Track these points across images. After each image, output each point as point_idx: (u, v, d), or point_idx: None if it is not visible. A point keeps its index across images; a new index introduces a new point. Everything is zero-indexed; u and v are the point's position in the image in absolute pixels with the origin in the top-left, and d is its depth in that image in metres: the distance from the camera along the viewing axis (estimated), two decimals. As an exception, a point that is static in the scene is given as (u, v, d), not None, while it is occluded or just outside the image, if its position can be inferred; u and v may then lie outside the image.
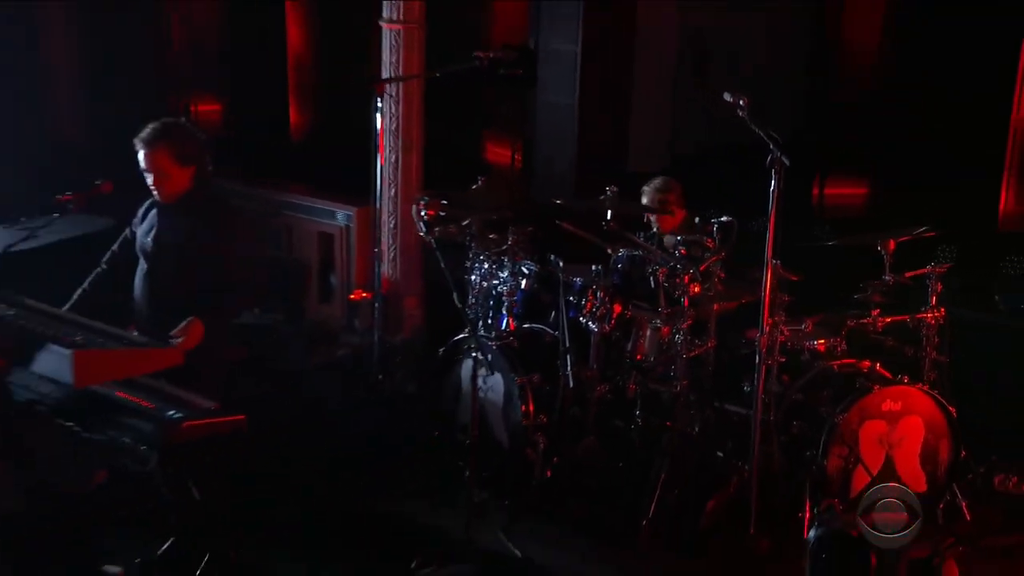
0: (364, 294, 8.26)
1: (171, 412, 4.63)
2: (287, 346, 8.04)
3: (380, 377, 7.42)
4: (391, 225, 8.15)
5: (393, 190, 8.06)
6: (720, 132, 9.23)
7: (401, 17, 7.89)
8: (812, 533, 5.00)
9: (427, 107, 8.13)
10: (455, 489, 6.19)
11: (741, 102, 5.68)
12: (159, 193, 5.56)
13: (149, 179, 5.53)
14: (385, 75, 8.09)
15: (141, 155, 5.53)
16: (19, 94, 10.41)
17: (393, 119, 8.00)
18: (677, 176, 7.32)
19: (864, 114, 8.84)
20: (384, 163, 7.89)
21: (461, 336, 6.66)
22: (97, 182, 5.57)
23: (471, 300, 6.92)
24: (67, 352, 4.68)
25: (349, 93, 10.57)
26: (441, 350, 6.88)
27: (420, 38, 7.98)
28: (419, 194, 6.88)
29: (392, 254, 8.10)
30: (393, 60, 7.98)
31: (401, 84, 8.03)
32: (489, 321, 6.86)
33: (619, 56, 9.13)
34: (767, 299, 5.60)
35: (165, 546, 5.49)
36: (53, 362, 4.79)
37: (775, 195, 5.58)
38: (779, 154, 5.52)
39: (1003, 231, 8.13)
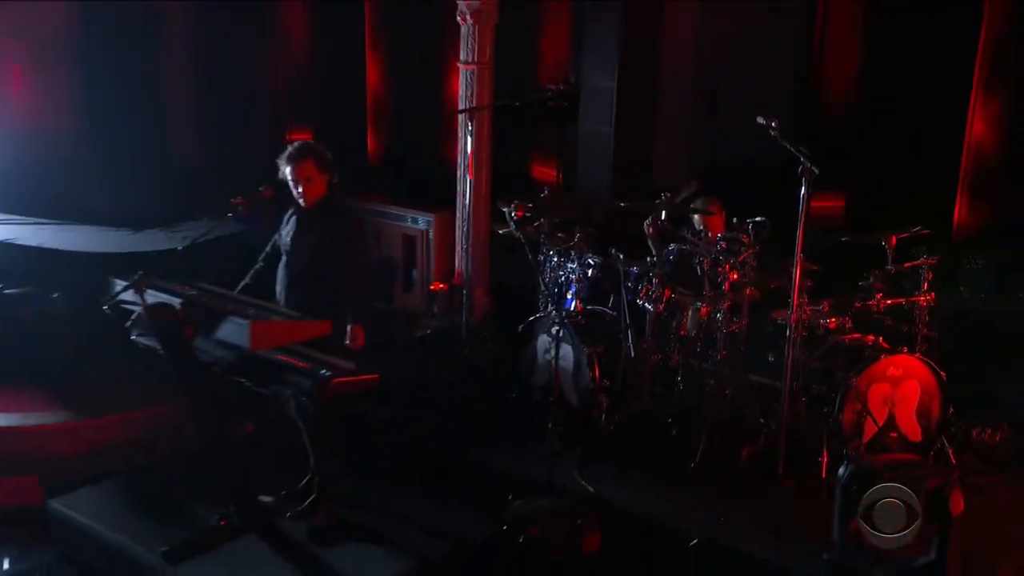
0: (441, 285, 8.40)
1: (323, 371, 4.78)
2: (385, 325, 8.07)
3: (466, 351, 7.51)
4: (465, 229, 8.17)
5: (467, 200, 8.11)
6: (726, 153, 9.32)
7: (475, 59, 7.99)
8: (842, 470, 4.96)
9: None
10: (534, 441, 6.23)
11: (773, 124, 5.78)
12: (304, 198, 5.58)
13: (297, 188, 5.58)
14: (461, 107, 8.18)
15: (289, 168, 5.59)
16: (144, 121, 10.41)
17: (466, 142, 8.03)
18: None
19: (843, 141, 8.75)
20: (462, 178, 8.09)
21: (537, 316, 6.78)
22: (260, 188, 5.64)
23: (543, 287, 6.97)
24: (245, 322, 4.82)
25: (416, 123, 10.59)
26: (520, 327, 6.96)
27: (489, 76, 8.08)
28: (509, 199, 6.90)
29: (465, 252, 8.12)
30: (468, 94, 8.08)
31: (469, 121, 8.05)
32: (558, 303, 6.82)
33: (647, 91, 9.14)
34: (797, 284, 5.70)
35: (304, 481, 5.63)
36: (233, 330, 4.92)
37: (805, 198, 5.65)
38: (809, 164, 5.59)
39: (957, 239, 8.14)
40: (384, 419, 6.49)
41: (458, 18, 8.05)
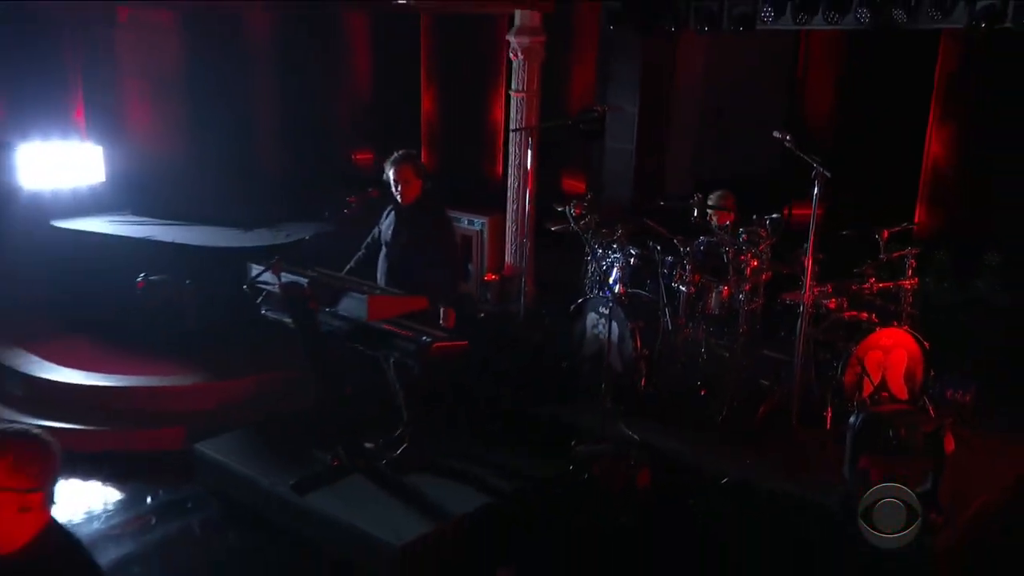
0: (493, 276, 8.45)
1: (425, 337, 4.91)
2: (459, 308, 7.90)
3: (523, 328, 7.53)
4: (514, 229, 8.26)
5: (515, 205, 8.19)
6: (725, 167, 9.34)
7: (524, 88, 8.08)
8: (853, 418, 5.01)
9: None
10: (587, 400, 6.28)
11: (787, 137, 5.85)
12: (402, 197, 5.57)
13: (396, 188, 5.57)
14: (513, 137, 8.26)
15: (392, 171, 5.57)
16: (238, 144, 10.42)
17: (516, 157, 8.14)
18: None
19: (823, 158, 8.62)
20: (512, 186, 8.20)
21: (586, 297, 6.77)
22: (369, 189, 5.71)
23: (589, 273, 7.02)
24: (363, 297, 4.99)
25: (461, 144, 10.46)
26: (572, 307, 6.88)
27: (536, 103, 8.15)
28: (567, 200, 6.85)
29: (515, 248, 8.21)
30: (518, 117, 8.11)
31: (521, 139, 8.11)
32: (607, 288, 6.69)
33: (662, 115, 9.11)
34: (809, 271, 5.75)
35: (399, 431, 5.73)
36: (352, 304, 5.07)
37: (817, 197, 5.71)
38: (821, 169, 5.63)
39: (917, 239, 7.96)
40: (463, 383, 6.49)
41: (510, 55, 8.12)
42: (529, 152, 7.66)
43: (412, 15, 10.60)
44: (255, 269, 5.57)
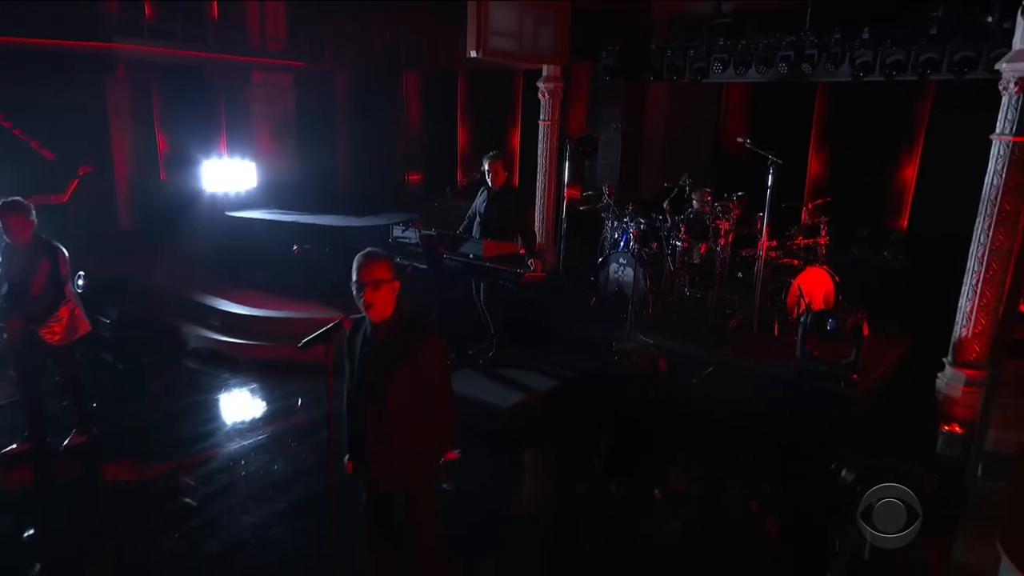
0: (522, 251, 8.58)
1: (519, 269, 5.28)
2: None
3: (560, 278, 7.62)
4: (542, 218, 8.18)
5: (542, 202, 8.18)
6: (676, 173, 9.39)
7: (549, 119, 8.15)
8: (803, 317, 5.32)
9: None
10: (611, 321, 6.51)
11: (748, 141, 6.12)
12: (493, 183, 5.71)
13: (489, 175, 5.69)
14: (541, 149, 8.22)
15: (487, 163, 5.71)
16: (325, 167, 10.80)
17: (543, 170, 8.23)
18: (663, 197, 7.25)
19: (736, 174, 8.08)
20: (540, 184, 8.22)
21: (607, 254, 6.92)
22: (473, 172, 5.88)
23: (609, 237, 7.16)
24: (481, 241, 5.35)
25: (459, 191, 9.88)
26: (599, 259, 6.99)
27: (557, 129, 8.18)
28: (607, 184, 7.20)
29: (542, 231, 8.14)
30: (545, 139, 8.18)
31: (547, 153, 8.15)
32: (619, 247, 6.96)
33: (638, 137, 9.14)
34: (766, 232, 6.10)
35: (487, 341, 6.00)
36: (472, 247, 5.41)
37: (773, 180, 5.94)
38: (775, 159, 5.89)
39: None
40: (522, 311, 6.55)
41: (539, 95, 8.14)
42: (561, 161, 7.81)
43: (451, 74, 10.73)
44: (397, 229, 5.93)
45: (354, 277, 2.77)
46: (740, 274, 6.64)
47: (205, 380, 6.31)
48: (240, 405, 5.95)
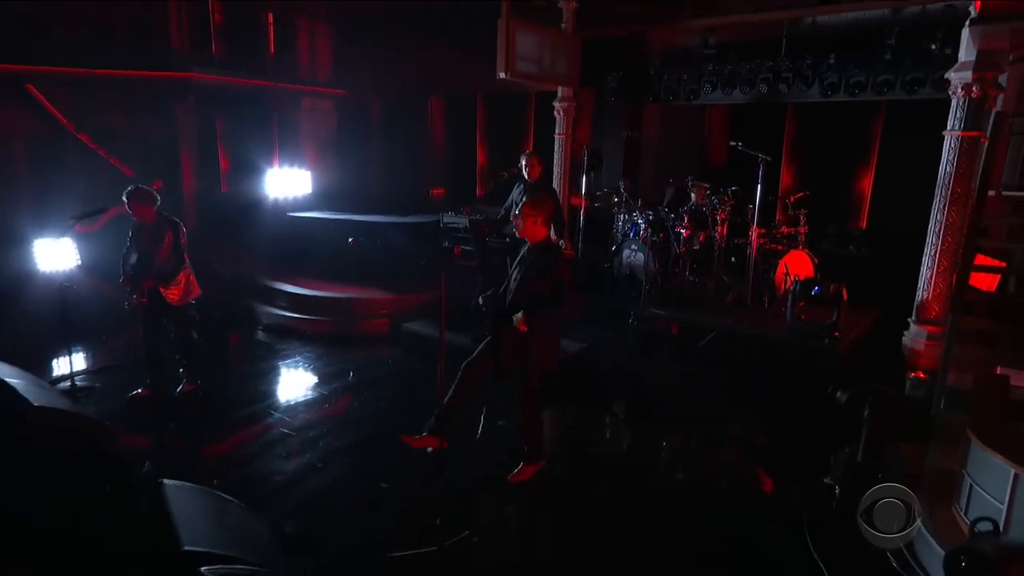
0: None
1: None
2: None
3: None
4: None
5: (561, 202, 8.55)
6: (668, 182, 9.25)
7: (563, 133, 8.47)
8: (794, 286, 5.63)
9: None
10: (627, 296, 6.71)
11: (740, 144, 6.40)
12: (529, 176, 5.90)
13: (525, 170, 5.92)
14: (556, 159, 8.50)
15: (524, 160, 5.90)
16: (360, 178, 11.08)
17: (558, 177, 8.49)
18: (660, 198, 7.61)
19: (718, 177, 8.02)
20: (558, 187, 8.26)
21: (620, 242, 7.13)
22: (517, 166, 6.07)
23: (620, 229, 7.37)
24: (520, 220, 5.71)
25: (502, 181, 10.62)
26: (613, 247, 7.19)
27: (569, 142, 8.47)
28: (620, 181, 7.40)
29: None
30: (560, 152, 8.49)
31: (562, 161, 8.48)
32: (629, 236, 7.07)
33: (637, 152, 9.27)
34: (755, 222, 6.39)
35: None
36: (511, 230, 5.58)
37: (761, 175, 6.26)
38: (764, 156, 6.25)
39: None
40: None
41: (555, 113, 8.44)
42: (582, 172, 8.06)
43: (471, 99, 10.93)
44: (448, 215, 6.30)
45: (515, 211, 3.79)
46: (733, 259, 6.95)
47: (279, 348, 6.67)
48: (311, 366, 6.29)
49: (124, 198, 4.75)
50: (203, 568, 2.38)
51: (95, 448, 3.56)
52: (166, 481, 2.93)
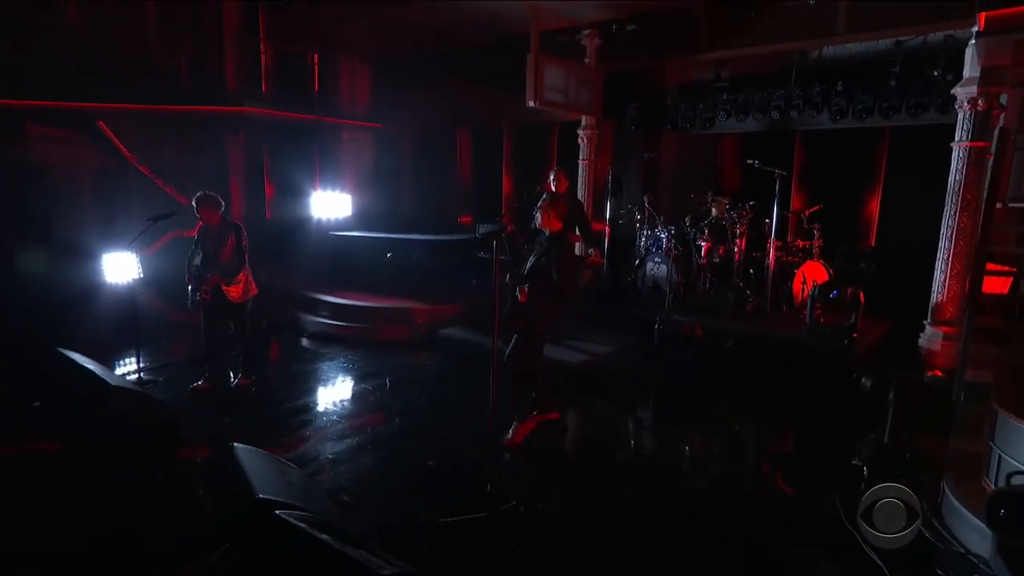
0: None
1: (589, 251, 5.76)
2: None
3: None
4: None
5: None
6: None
7: (587, 158, 8.75)
8: (812, 290, 5.65)
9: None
10: (652, 305, 6.76)
11: (756, 162, 6.50)
12: (558, 190, 5.92)
13: (555, 184, 6.03)
14: (580, 182, 8.70)
15: (553, 176, 6.09)
16: (394, 203, 11.33)
17: (582, 197, 8.54)
18: (683, 214, 7.46)
19: (735, 196, 7.75)
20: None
21: (644, 254, 7.21)
22: (538, 187, 6.32)
23: (644, 244, 7.42)
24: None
25: (528, 207, 10.60)
26: (636, 261, 7.25)
27: (592, 167, 8.72)
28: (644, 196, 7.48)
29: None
30: (584, 176, 8.71)
31: (586, 184, 8.60)
32: (652, 250, 7.10)
33: (656, 173, 9.17)
34: (773, 235, 6.46)
35: None
36: (543, 237, 5.50)
37: (778, 190, 6.35)
38: (780, 171, 6.34)
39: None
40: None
41: (579, 140, 8.72)
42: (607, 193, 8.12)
43: (498, 130, 11.13)
44: (482, 227, 6.43)
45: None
46: (752, 271, 7.02)
47: (323, 352, 6.79)
48: (353, 366, 6.38)
49: (193, 203, 4.99)
50: (276, 511, 2.49)
51: (159, 422, 3.77)
52: (236, 444, 3.04)
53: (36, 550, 2.91)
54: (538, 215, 4.35)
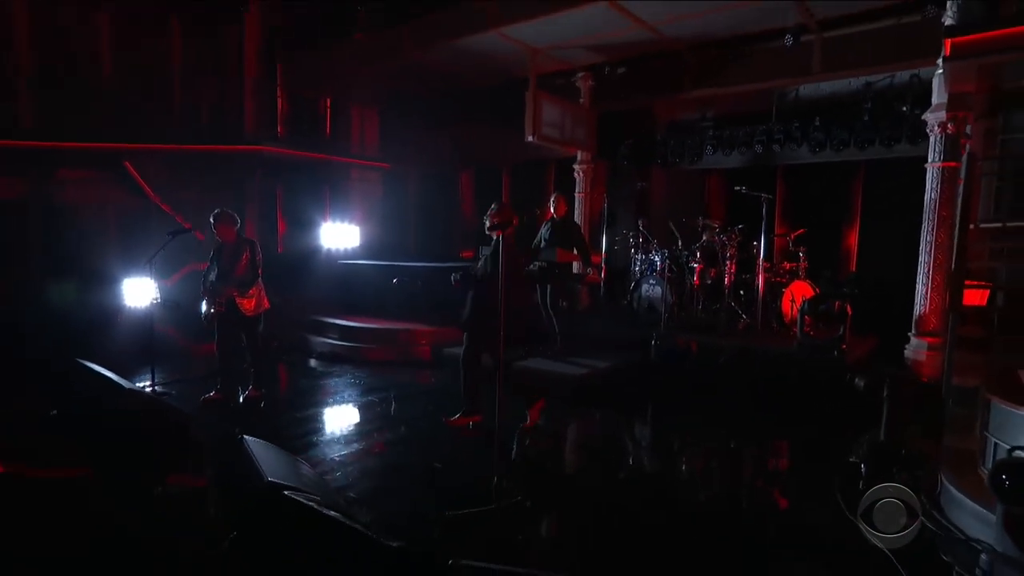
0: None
1: (588, 271, 5.93)
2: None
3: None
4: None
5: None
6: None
7: (583, 191, 8.88)
8: (802, 305, 5.63)
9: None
10: (649, 323, 6.70)
11: (743, 188, 6.56)
12: (556, 214, 6.24)
13: (554, 207, 6.26)
14: (577, 214, 8.69)
15: (553, 199, 6.28)
16: (396, 236, 11.43)
17: (581, 218, 8.82)
18: (675, 239, 7.35)
19: (730, 211, 8.39)
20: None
21: (640, 277, 7.18)
22: (544, 205, 6.46)
23: (637, 268, 7.41)
24: (554, 249, 5.95)
25: (531, 230, 10.45)
26: (631, 284, 7.25)
27: (588, 199, 8.84)
28: (640, 220, 7.53)
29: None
30: (582, 209, 8.81)
31: (583, 215, 8.72)
32: (647, 273, 7.05)
33: (647, 203, 9.07)
34: (761, 255, 6.51)
35: (550, 340, 6.31)
36: (548, 254, 6.00)
37: (764, 214, 6.45)
38: (766, 196, 6.45)
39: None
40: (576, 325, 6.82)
41: (575, 174, 8.86)
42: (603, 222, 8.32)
43: (498, 169, 11.15)
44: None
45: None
46: (742, 291, 7.02)
47: (331, 370, 6.73)
48: (360, 382, 6.30)
49: (211, 219, 5.01)
50: (285, 492, 2.42)
51: (170, 424, 3.72)
52: (246, 436, 2.97)
53: (37, 551, 2.87)
54: (486, 221, 4.42)
